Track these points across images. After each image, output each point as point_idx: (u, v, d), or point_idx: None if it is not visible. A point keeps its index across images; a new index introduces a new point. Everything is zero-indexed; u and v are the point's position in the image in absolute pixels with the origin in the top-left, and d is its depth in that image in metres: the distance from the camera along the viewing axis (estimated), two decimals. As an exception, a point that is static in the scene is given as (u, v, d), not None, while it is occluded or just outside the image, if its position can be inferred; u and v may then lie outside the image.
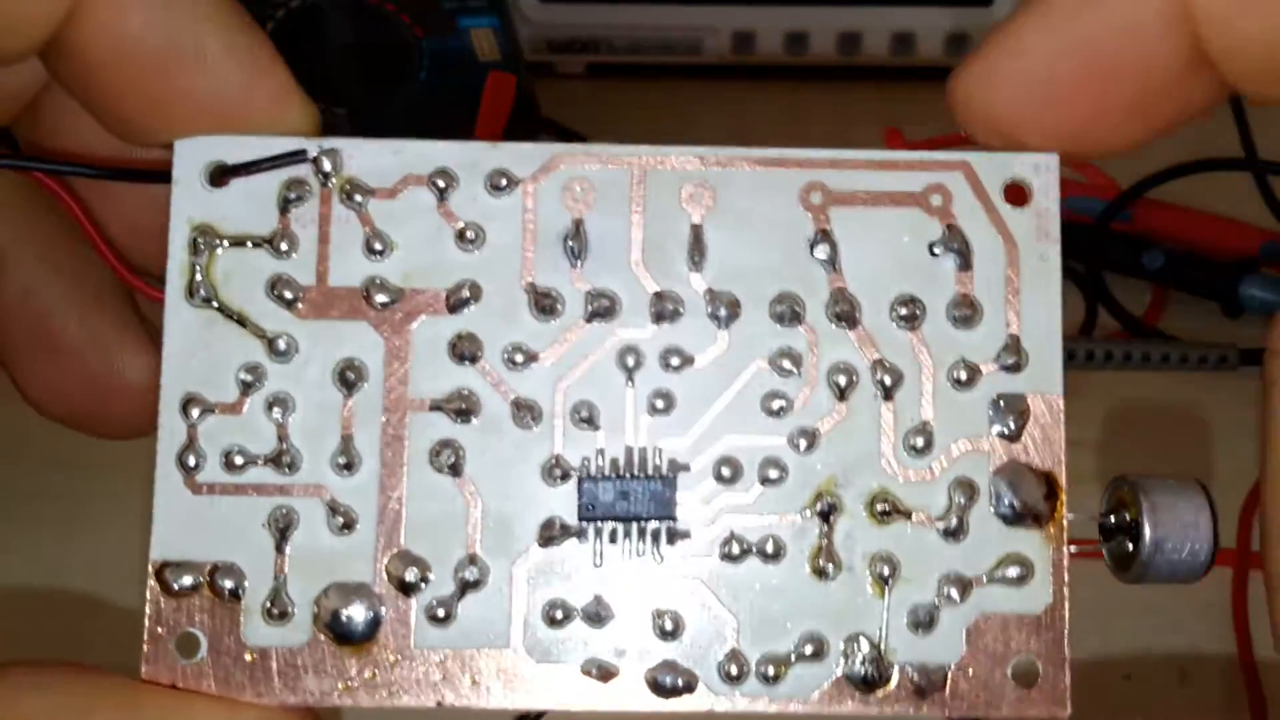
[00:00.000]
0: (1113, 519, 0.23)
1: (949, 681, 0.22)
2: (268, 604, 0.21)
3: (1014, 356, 0.22)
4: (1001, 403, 0.22)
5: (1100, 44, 0.21)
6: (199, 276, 0.22)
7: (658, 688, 0.22)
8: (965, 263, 0.22)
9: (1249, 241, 0.54)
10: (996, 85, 0.22)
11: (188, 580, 0.21)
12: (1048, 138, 0.22)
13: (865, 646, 0.22)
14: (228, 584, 0.21)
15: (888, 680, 0.22)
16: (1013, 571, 0.22)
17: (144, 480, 0.22)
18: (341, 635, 0.21)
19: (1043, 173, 0.23)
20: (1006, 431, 0.22)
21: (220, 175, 0.22)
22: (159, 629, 0.21)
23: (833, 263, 0.22)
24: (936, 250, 0.22)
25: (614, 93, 0.56)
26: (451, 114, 0.50)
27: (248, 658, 0.21)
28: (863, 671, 0.21)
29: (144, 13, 0.21)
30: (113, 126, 0.23)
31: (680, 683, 0.21)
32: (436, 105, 0.51)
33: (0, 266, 0.26)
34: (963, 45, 0.59)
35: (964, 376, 0.22)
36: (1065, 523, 0.22)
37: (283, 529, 0.22)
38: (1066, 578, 0.22)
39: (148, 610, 0.21)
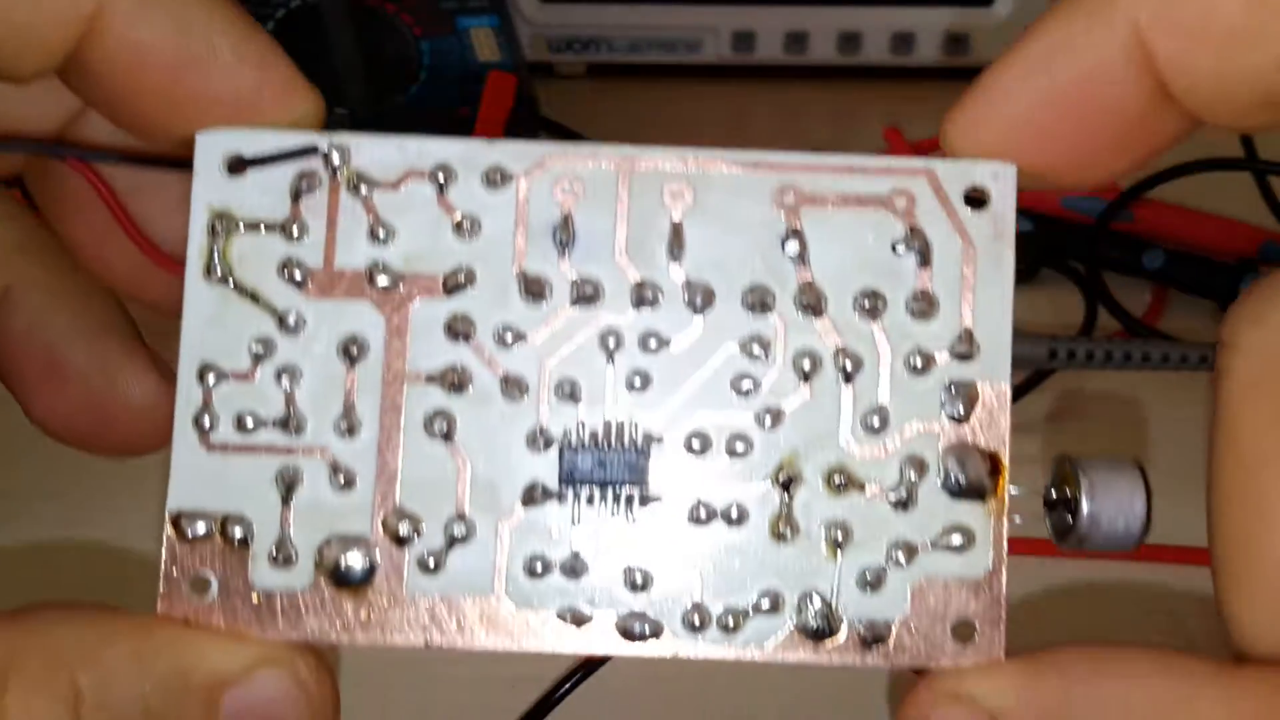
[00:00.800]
0: (1054, 494, 0.25)
1: (893, 635, 0.23)
2: (273, 551, 0.24)
3: (966, 347, 0.24)
4: (953, 388, 0.24)
5: (1072, 90, 0.23)
6: (216, 258, 0.24)
7: (627, 634, 0.24)
8: (925, 260, 0.24)
9: (1249, 241, 0.54)
10: (980, 131, 0.24)
11: (201, 528, 0.24)
12: (1030, 174, 0.24)
13: (817, 602, 0.24)
14: (237, 532, 0.24)
15: (837, 632, 0.24)
16: (956, 539, 0.24)
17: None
18: (340, 580, 0.23)
19: (1000, 180, 0.24)
20: (956, 414, 0.24)
21: (238, 166, 0.24)
22: (174, 571, 0.23)
23: (802, 258, 0.24)
24: (899, 249, 0.24)
25: (614, 93, 0.57)
26: (451, 114, 0.51)
27: (254, 599, 0.23)
28: (814, 624, 0.23)
29: (157, 23, 0.23)
30: (129, 126, 0.24)
31: (647, 630, 0.23)
32: (436, 105, 0.51)
33: (8, 301, 0.27)
34: (963, 45, 0.59)
35: (919, 364, 0.24)
36: (1007, 497, 0.24)
37: (288, 485, 0.24)
38: (1005, 547, 0.24)
39: (164, 554, 0.23)
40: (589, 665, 0.34)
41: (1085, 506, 0.24)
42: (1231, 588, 0.23)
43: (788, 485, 0.24)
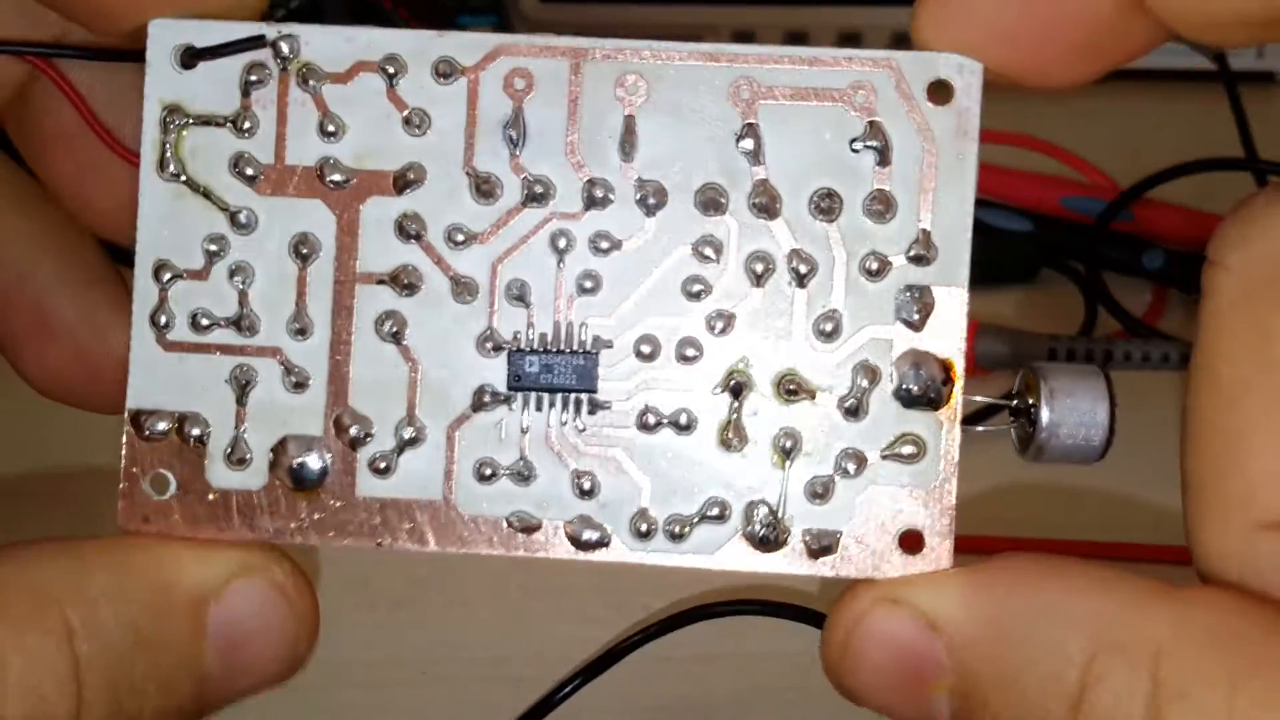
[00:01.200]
0: (1016, 402, 0.25)
1: (840, 545, 0.24)
2: (229, 451, 0.24)
3: (924, 250, 0.23)
4: (908, 293, 0.24)
5: None
6: (169, 152, 0.24)
7: (575, 541, 0.24)
8: (884, 159, 0.24)
9: None
10: (948, 21, 0.23)
11: (160, 426, 0.24)
12: (995, 73, 0.23)
13: (764, 511, 0.24)
14: (194, 431, 0.24)
15: (784, 541, 0.24)
16: (907, 450, 0.23)
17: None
18: (294, 480, 0.24)
19: (966, 74, 0.23)
20: (911, 320, 0.24)
21: (189, 58, 0.24)
22: (134, 469, 0.24)
23: (757, 155, 0.24)
24: (857, 146, 0.24)
25: None
26: None
27: (211, 497, 0.24)
28: (761, 533, 0.24)
29: None
30: (85, 18, 0.24)
31: (595, 537, 0.24)
32: None
33: None
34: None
35: (875, 267, 0.24)
36: (958, 406, 0.24)
37: (243, 385, 0.24)
38: (957, 457, 0.23)
39: (123, 452, 0.24)
40: (590, 669, 0.35)
41: (1044, 413, 0.24)
42: (1201, 511, 0.22)
43: (737, 392, 0.24)
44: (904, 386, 0.23)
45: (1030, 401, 0.24)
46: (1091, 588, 0.22)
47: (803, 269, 0.24)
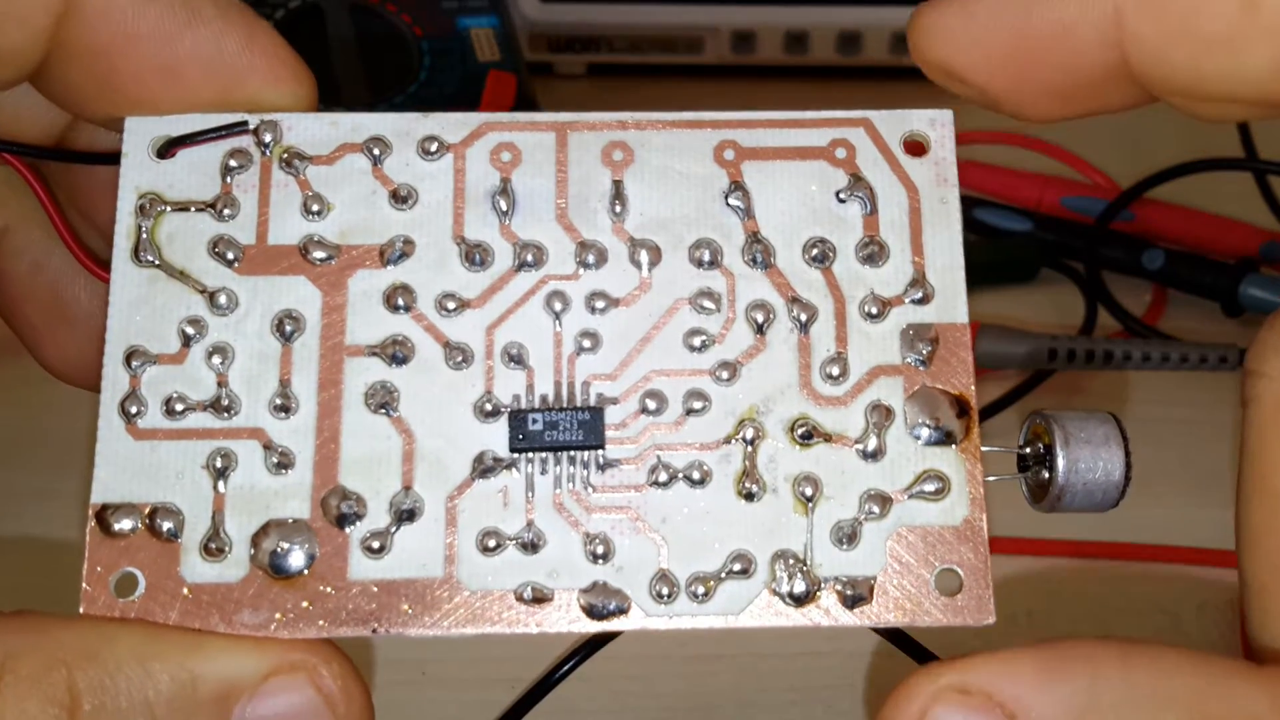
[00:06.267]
0: (1029, 450, 0.24)
1: (875, 593, 0.22)
2: (205, 541, 0.22)
3: (920, 290, 0.24)
4: (911, 332, 0.23)
5: (1041, 38, 0.23)
6: (144, 237, 0.23)
7: (591, 611, 0.22)
8: (871, 207, 0.24)
9: (1249, 241, 0.54)
10: (941, 36, 0.23)
11: (127, 523, 0.22)
12: (976, 91, 0.24)
13: (791, 562, 0.22)
14: (166, 525, 0.22)
15: (815, 593, 0.22)
16: (930, 486, 0.22)
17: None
18: (277, 569, 0.22)
19: (939, 126, 0.24)
20: (917, 358, 0.23)
21: (167, 148, 0.24)
22: (98, 568, 0.22)
23: (747, 210, 0.24)
24: (843, 196, 0.24)
25: (614, 93, 0.57)
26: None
27: (185, 592, 0.22)
28: (789, 586, 0.22)
29: None
30: (110, 109, 0.24)
31: (613, 605, 0.22)
32: (436, 105, 0.52)
33: (8, 242, 0.27)
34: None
35: (875, 310, 0.23)
36: (979, 439, 0.23)
37: (221, 470, 0.22)
38: (983, 490, 0.23)
39: (87, 551, 0.22)
40: (589, 645, 0.32)
41: (1061, 456, 0.23)
42: (1263, 615, 0.22)
43: (750, 440, 0.23)
44: (921, 424, 0.23)
45: (1042, 447, 0.24)
46: (1183, 667, 0.20)
47: (803, 316, 0.23)
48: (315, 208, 0.24)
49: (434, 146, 0.24)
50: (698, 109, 0.25)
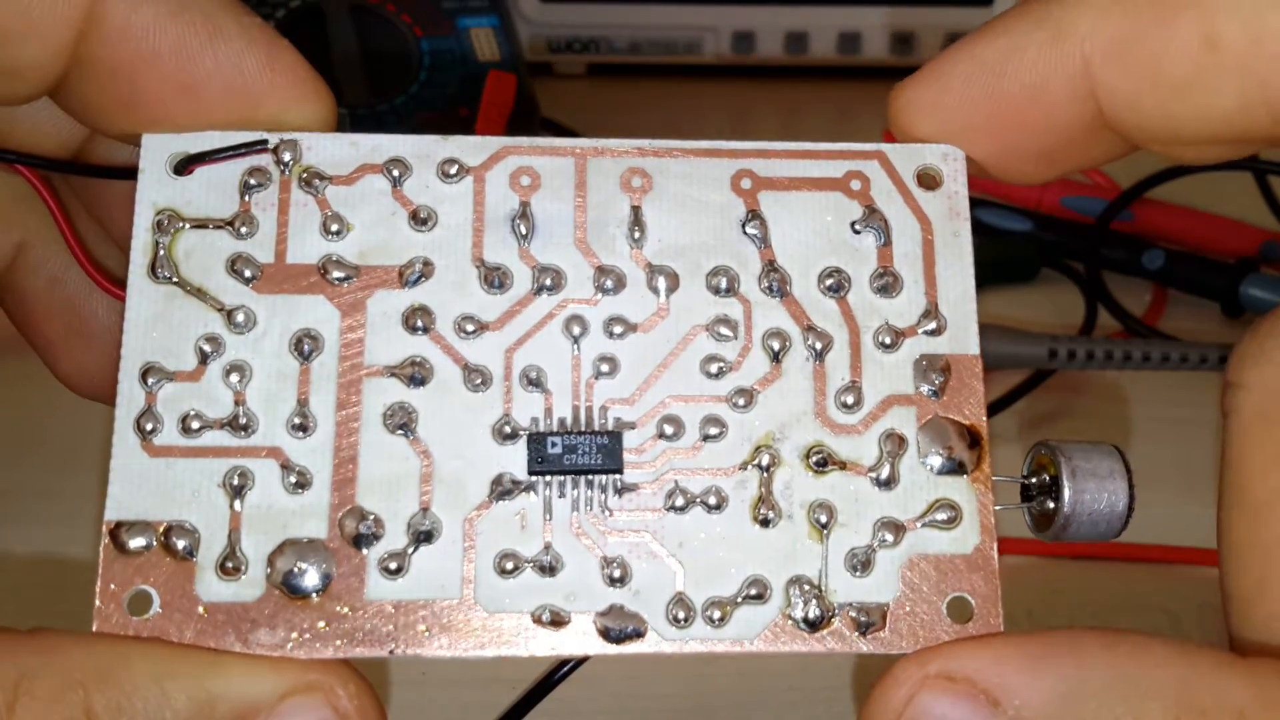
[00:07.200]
0: (1034, 480, 0.25)
1: (888, 619, 0.22)
2: (221, 560, 0.22)
3: (933, 321, 0.24)
4: (924, 363, 0.24)
5: (1015, 99, 0.23)
6: (161, 254, 0.23)
7: (607, 634, 0.22)
8: (885, 239, 0.24)
9: (1249, 241, 0.54)
10: (920, 111, 0.24)
11: (141, 541, 0.22)
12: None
13: (806, 588, 0.22)
14: (181, 543, 0.22)
15: (829, 619, 0.22)
16: (942, 515, 0.23)
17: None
18: (294, 589, 0.22)
19: (950, 161, 0.25)
20: (929, 389, 0.24)
21: (185, 165, 0.24)
22: (111, 586, 0.21)
23: (763, 239, 0.24)
24: (858, 228, 0.24)
25: (614, 93, 0.57)
26: (451, 114, 0.51)
27: (200, 611, 0.21)
28: (805, 611, 0.22)
29: (155, 3, 0.23)
30: (130, 126, 0.23)
31: (630, 629, 0.22)
32: (436, 105, 0.51)
33: (25, 257, 0.27)
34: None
35: (888, 340, 0.24)
36: (990, 469, 0.23)
37: (237, 488, 0.22)
38: (994, 518, 0.23)
39: (100, 569, 0.22)
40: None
41: (1067, 486, 0.24)
42: (1243, 624, 0.22)
43: (766, 467, 0.23)
44: (933, 454, 0.23)
45: (1048, 478, 0.24)
46: (1168, 657, 0.21)
47: (819, 344, 0.24)
48: (335, 228, 0.24)
49: (454, 169, 0.24)
50: (698, 108, 0.25)
